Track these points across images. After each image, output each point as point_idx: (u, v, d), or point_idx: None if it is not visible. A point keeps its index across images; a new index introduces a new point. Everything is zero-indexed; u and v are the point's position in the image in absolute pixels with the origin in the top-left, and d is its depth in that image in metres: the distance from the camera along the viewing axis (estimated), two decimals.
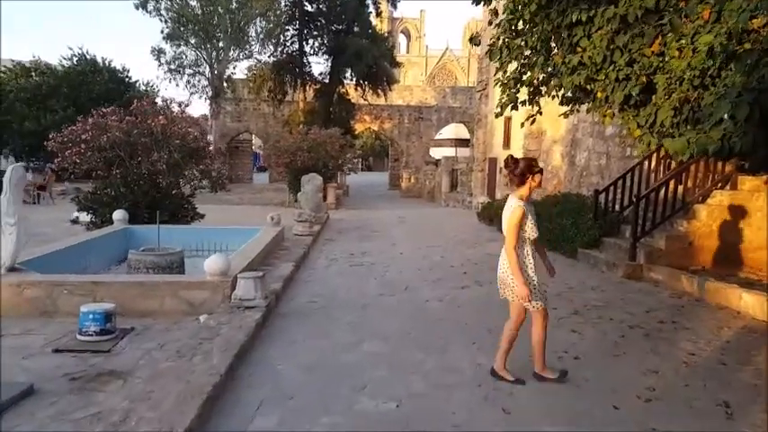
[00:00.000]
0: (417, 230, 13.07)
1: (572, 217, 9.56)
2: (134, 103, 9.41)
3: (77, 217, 9.25)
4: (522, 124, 6.98)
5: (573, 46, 4.62)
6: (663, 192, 8.11)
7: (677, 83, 3.83)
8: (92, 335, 4.58)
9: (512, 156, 3.87)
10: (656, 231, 8.02)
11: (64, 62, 25.37)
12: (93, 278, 5.51)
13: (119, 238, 8.48)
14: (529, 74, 6.05)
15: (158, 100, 10.56)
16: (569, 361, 4.38)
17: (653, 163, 9.33)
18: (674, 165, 9.29)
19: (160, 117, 8.81)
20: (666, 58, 3.95)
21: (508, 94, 6.34)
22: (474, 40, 5.82)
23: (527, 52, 5.86)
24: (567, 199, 11.08)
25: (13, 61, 25.34)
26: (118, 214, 8.83)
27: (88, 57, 25.58)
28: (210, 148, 24.53)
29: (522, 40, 5.55)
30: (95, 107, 9.38)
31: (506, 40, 5.89)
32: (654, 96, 4.07)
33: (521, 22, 5.39)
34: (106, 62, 25.95)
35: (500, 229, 11.99)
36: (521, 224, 3.66)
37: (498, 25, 6.08)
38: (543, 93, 5.94)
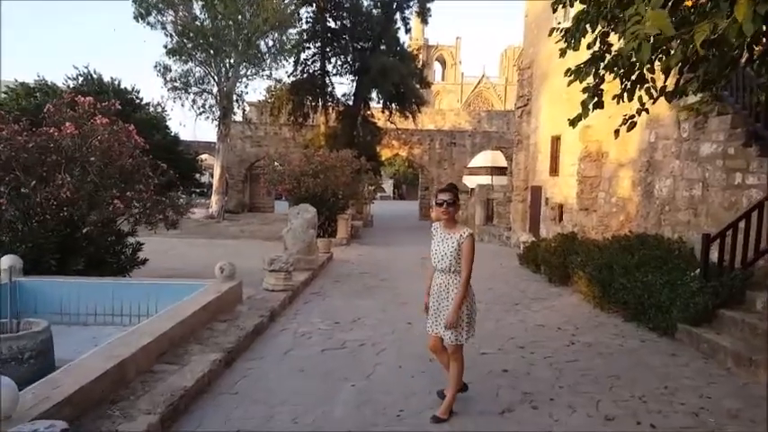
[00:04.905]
0: None
1: (663, 273, 6.48)
2: (45, 109, 6.91)
3: None
4: (617, 132, 4.19)
5: None
6: None
7: None
8: None
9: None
10: None
11: (69, 82, 23.62)
12: None
13: None
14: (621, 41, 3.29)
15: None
16: None
17: None
18: None
19: (67, 125, 6.21)
20: None
21: (586, 89, 3.69)
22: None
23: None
24: (645, 243, 7.99)
25: (16, 81, 23.72)
26: (6, 261, 6.24)
27: (94, 76, 23.77)
28: (215, 174, 22.56)
29: None
30: None
31: None
32: None
33: None
34: (114, 82, 24.12)
35: (550, 280, 9.44)
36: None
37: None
38: (662, 62, 3.02)
